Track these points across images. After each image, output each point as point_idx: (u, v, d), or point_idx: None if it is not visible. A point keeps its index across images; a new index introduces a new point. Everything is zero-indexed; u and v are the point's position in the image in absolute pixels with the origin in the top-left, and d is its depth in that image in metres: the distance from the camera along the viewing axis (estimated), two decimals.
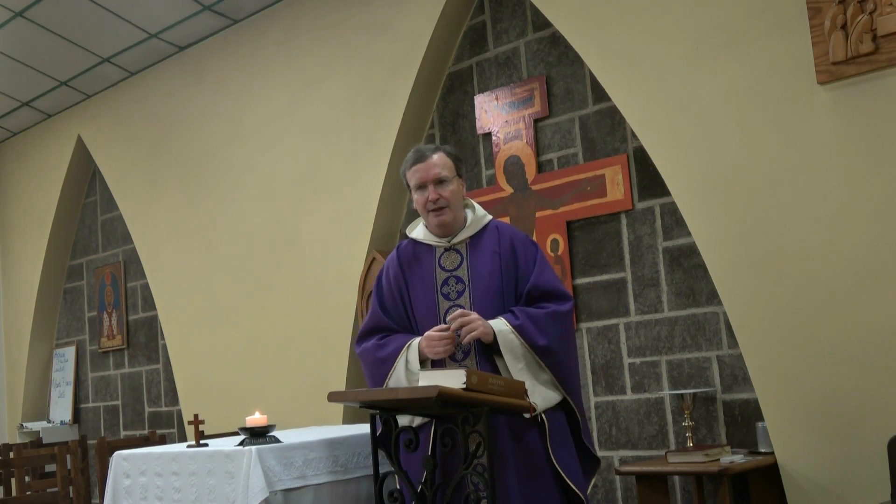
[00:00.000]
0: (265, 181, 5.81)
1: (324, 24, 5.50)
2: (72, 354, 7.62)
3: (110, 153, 7.10)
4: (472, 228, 3.06)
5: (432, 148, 3.08)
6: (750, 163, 3.69)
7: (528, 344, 2.86)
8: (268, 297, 5.75)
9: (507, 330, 2.86)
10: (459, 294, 2.97)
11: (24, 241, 7.90)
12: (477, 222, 3.07)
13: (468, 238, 3.05)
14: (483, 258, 3.00)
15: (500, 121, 4.74)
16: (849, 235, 3.44)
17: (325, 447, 3.17)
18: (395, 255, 3.14)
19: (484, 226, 3.07)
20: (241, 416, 3.68)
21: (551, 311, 2.93)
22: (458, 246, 3.04)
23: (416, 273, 3.06)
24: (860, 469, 3.37)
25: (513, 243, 3.02)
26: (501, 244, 3.02)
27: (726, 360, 3.92)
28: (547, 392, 2.90)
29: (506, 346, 2.86)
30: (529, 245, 3.05)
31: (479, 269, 2.98)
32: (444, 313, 2.95)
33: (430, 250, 3.07)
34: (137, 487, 3.35)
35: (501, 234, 3.05)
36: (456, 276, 3.00)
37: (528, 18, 4.68)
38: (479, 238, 3.05)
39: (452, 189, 3.01)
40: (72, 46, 6.39)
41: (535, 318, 2.89)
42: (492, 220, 3.12)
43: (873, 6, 3.35)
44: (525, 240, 3.06)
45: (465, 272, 2.99)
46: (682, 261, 4.07)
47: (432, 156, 3.03)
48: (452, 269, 3.02)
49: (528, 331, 2.87)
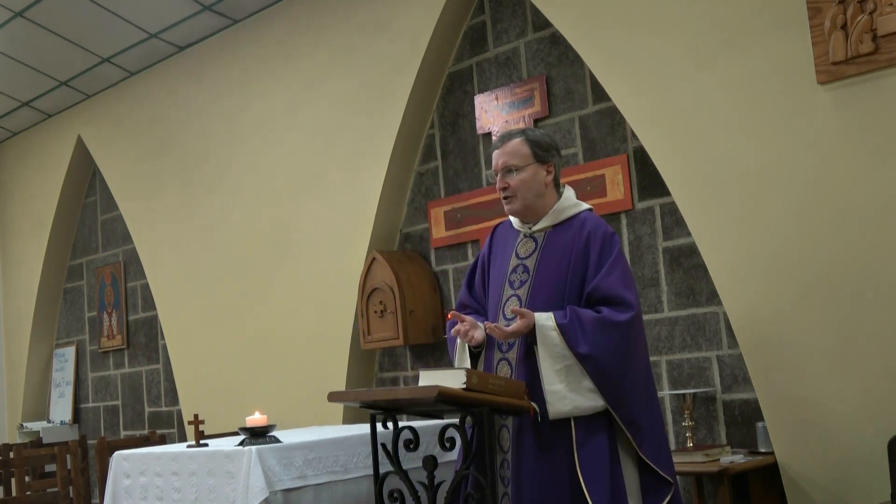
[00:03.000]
0: (265, 181, 5.81)
1: (324, 24, 5.50)
2: (72, 354, 7.62)
3: (110, 153, 7.10)
4: (552, 217, 2.93)
5: (515, 132, 2.98)
6: (750, 163, 3.69)
7: (570, 347, 2.71)
8: (268, 297, 5.75)
9: (549, 325, 2.72)
10: (521, 284, 2.89)
11: (24, 241, 7.90)
12: (560, 212, 2.93)
13: (549, 227, 2.93)
14: (555, 251, 2.88)
15: (500, 121, 4.74)
16: (849, 235, 3.43)
17: (325, 447, 3.17)
18: (491, 235, 3.10)
19: (571, 216, 2.92)
20: (241, 416, 3.68)
21: (603, 317, 2.73)
22: (537, 234, 2.94)
23: (498, 255, 3.02)
24: (860, 469, 3.37)
25: (589, 239, 2.84)
26: (578, 239, 2.85)
27: (726, 360, 3.92)
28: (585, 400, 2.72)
29: (543, 342, 2.73)
30: (607, 243, 2.84)
31: (546, 263, 2.87)
32: (505, 302, 2.91)
33: (516, 235, 3.01)
34: (137, 487, 3.36)
35: (583, 228, 2.87)
36: (524, 266, 2.92)
37: (528, 18, 4.68)
38: (562, 229, 2.91)
39: (522, 178, 2.90)
40: (72, 46, 6.39)
41: (582, 322, 2.72)
42: (583, 211, 2.95)
43: (873, 6, 3.34)
44: (603, 237, 2.84)
45: (533, 263, 2.90)
46: (682, 261, 4.07)
47: (509, 142, 2.94)
48: (525, 257, 2.94)
49: (571, 333, 2.71)
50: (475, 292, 3.07)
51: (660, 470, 2.77)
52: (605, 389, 2.71)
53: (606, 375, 2.71)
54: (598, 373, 2.71)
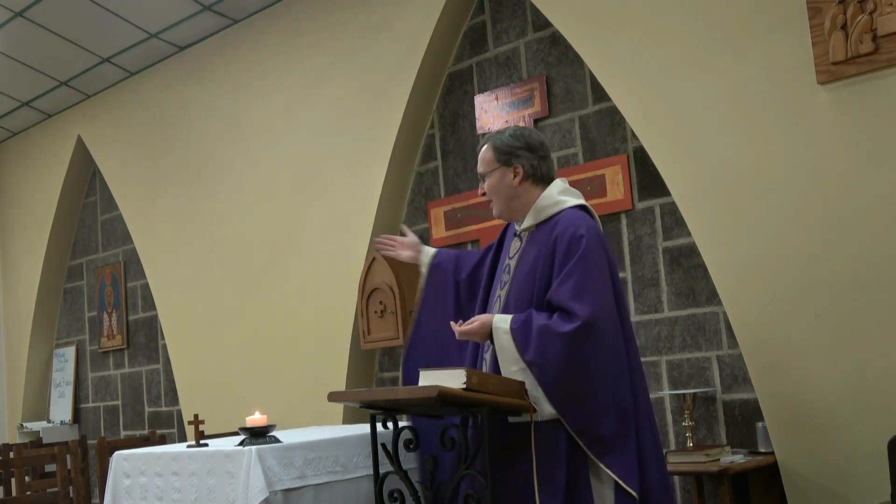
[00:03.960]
0: (265, 181, 5.81)
1: (324, 24, 5.50)
2: (72, 354, 7.62)
3: (110, 153, 7.10)
4: (533, 217, 2.91)
5: (486, 139, 3.00)
6: (750, 163, 3.69)
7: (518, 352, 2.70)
8: (268, 297, 5.75)
9: (503, 328, 2.73)
10: (504, 285, 2.92)
11: (24, 241, 7.90)
12: (540, 210, 2.89)
13: (532, 227, 2.92)
14: (530, 254, 2.86)
15: (500, 121, 4.74)
16: (849, 235, 3.43)
17: (324, 447, 3.17)
18: (502, 231, 3.13)
19: (552, 214, 2.87)
20: (241, 416, 3.67)
21: (548, 325, 2.67)
22: (523, 234, 2.95)
23: (501, 252, 3.07)
24: (860, 469, 3.37)
25: (556, 242, 2.78)
26: (549, 241, 2.80)
27: (726, 360, 3.92)
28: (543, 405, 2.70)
29: (499, 346, 2.74)
30: (572, 247, 2.74)
31: (522, 265, 2.88)
32: (493, 301, 2.96)
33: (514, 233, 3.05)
34: (137, 487, 3.35)
35: (554, 229, 2.81)
36: (509, 266, 2.95)
37: (528, 18, 4.68)
38: (543, 228, 2.87)
39: (491, 183, 2.94)
40: (72, 46, 6.39)
41: (531, 328, 2.69)
42: (565, 208, 2.87)
43: (873, 6, 3.35)
44: (570, 240, 2.75)
45: (515, 264, 2.92)
46: (682, 261, 4.07)
47: (481, 149, 3.00)
48: (511, 257, 2.96)
49: (519, 339, 2.70)
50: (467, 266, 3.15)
51: (622, 482, 2.66)
52: (552, 397, 2.67)
53: (551, 383, 2.66)
54: (543, 381, 2.67)
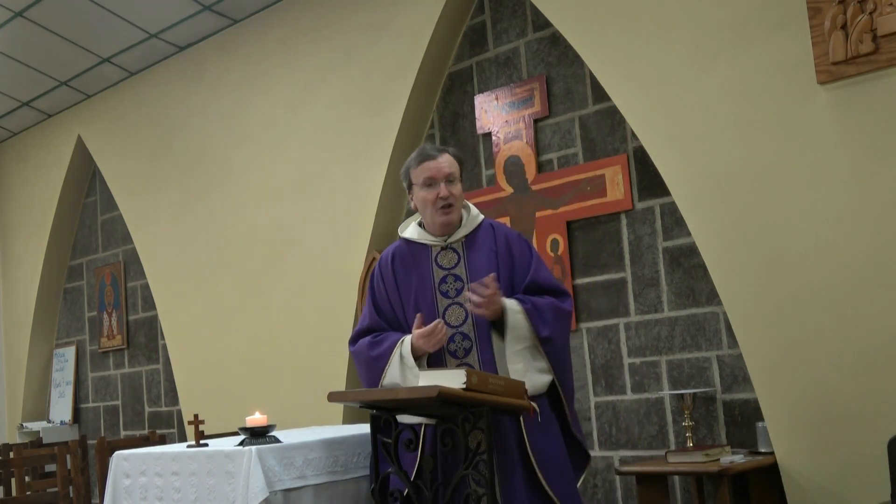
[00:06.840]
0: (265, 181, 5.81)
1: (324, 24, 5.50)
2: (72, 354, 7.62)
3: (110, 153, 7.10)
4: (467, 227, 3.10)
5: (440, 148, 3.15)
6: (750, 163, 3.69)
7: (534, 330, 2.92)
8: (268, 297, 5.75)
9: (516, 309, 2.92)
10: (458, 292, 3.00)
11: (24, 241, 7.90)
12: (472, 221, 3.12)
13: (464, 237, 3.09)
14: (480, 256, 3.05)
15: (500, 121, 4.74)
16: (849, 235, 3.44)
17: (325, 447, 3.16)
18: (389, 256, 3.15)
19: (478, 224, 3.12)
20: (241, 416, 3.67)
21: (555, 304, 3.00)
22: (455, 245, 3.08)
23: (412, 273, 3.07)
24: (860, 469, 3.37)
25: (508, 241, 3.08)
26: (497, 242, 3.07)
27: (726, 360, 3.92)
28: (537, 378, 2.94)
29: (512, 325, 2.91)
30: (524, 243, 3.12)
31: (477, 267, 3.01)
32: (444, 311, 2.98)
33: (425, 249, 3.09)
34: (137, 487, 3.35)
35: (496, 233, 3.10)
36: (454, 275, 3.04)
37: (528, 18, 4.68)
38: (475, 237, 3.10)
39: (459, 189, 3.09)
40: (72, 46, 6.39)
41: (539, 308, 2.96)
42: (485, 219, 3.17)
43: (873, 6, 3.35)
44: (519, 238, 3.13)
45: (464, 270, 3.03)
46: (682, 261, 4.07)
47: (444, 154, 3.10)
48: (450, 267, 3.05)
49: (535, 318, 2.93)
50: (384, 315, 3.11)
51: (584, 443, 3.08)
52: (557, 367, 2.99)
53: (559, 355, 3.00)
54: (553, 353, 2.97)
